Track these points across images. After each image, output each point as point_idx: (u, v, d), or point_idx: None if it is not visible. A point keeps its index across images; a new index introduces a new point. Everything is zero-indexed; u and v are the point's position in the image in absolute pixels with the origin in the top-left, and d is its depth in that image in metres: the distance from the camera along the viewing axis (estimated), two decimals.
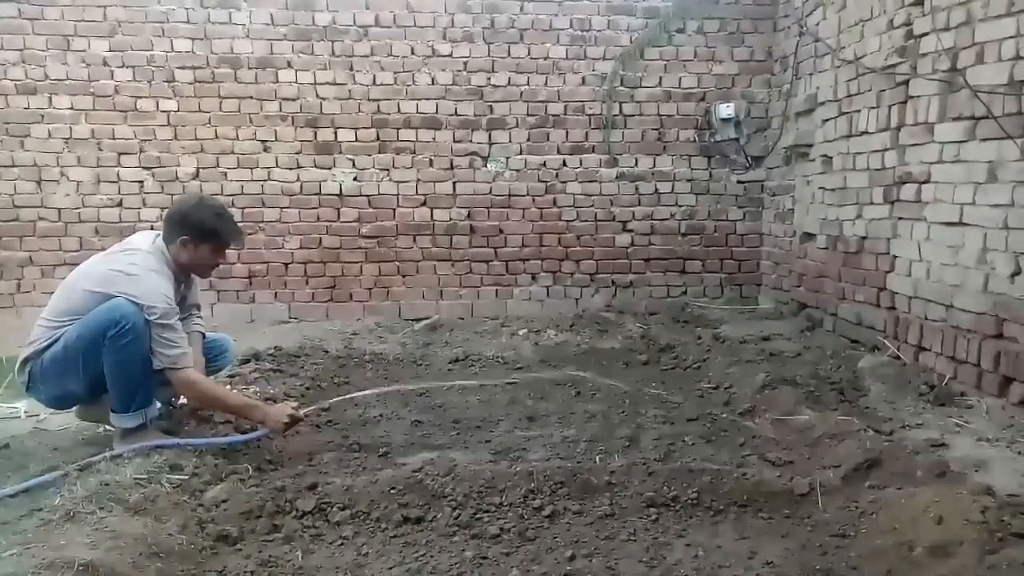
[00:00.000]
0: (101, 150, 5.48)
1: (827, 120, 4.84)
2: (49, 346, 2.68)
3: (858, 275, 4.47)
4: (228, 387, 3.27)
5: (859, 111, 4.41)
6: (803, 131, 5.21)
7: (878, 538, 2.14)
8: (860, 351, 4.18)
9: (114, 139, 5.47)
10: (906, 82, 3.93)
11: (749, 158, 5.87)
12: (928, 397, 3.37)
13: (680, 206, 5.90)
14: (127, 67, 5.43)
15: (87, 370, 2.63)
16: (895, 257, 4.10)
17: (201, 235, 2.84)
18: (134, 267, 2.70)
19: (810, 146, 5.12)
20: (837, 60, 4.69)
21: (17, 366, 2.76)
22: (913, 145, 3.88)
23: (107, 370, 2.61)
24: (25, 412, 3.35)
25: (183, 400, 3.03)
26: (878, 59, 4.18)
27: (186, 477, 2.44)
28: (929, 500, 2.17)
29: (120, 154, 5.50)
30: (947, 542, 1.99)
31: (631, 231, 5.89)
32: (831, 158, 4.80)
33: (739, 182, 5.93)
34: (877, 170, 4.24)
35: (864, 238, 4.40)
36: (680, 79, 5.79)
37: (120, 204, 5.53)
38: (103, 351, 2.58)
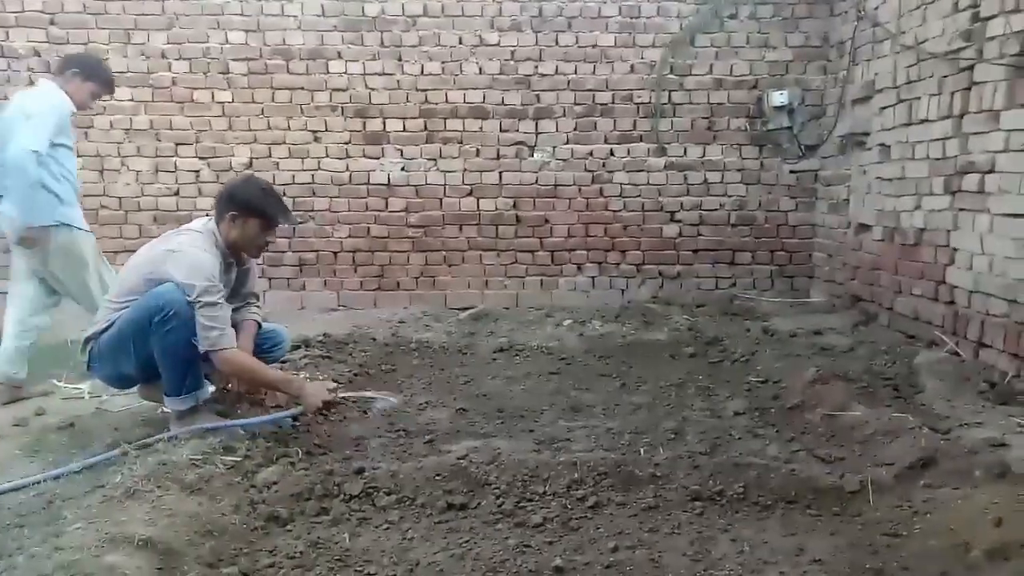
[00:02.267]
0: (159, 140, 5.65)
1: (885, 107, 4.69)
2: (107, 328, 2.77)
3: (916, 268, 4.32)
4: None
5: (919, 98, 4.26)
6: (859, 119, 5.05)
7: (932, 539, 2.08)
8: (916, 347, 4.06)
9: (172, 130, 5.64)
10: (971, 67, 3.77)
11: (802, 147, 5.72)
12: (988, 395, 3.25)
13: (730, 196, 5.80)
14: (184, 59, 5.58)
15: (138, 354, 2.72)
16: (955, 250, 3.95)
17: (247, 211, 2.86)
18: (180, 245, 2.77)
19: (867, 134, 4.96)
20: (897, 45, 4.53)
21: (80, 346, 2.88)
22: (977, 133, 3.73)
23: (156, 355, 2.69)
24: (88, 393, 3.50)
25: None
26: (941, 44, 4.02)
27: (239, 459, 2.51)
28: (988, 501, 2.10)
29: (177, 144, 5.66)
30: (1006, 545, 1.92)
31: (679, 221, 5.81)
32: (889, 147, 4.65)
33: (791, 172, 5.79)
34: (937, 159, 4.09)
35: (923, 230, 4.26)
36: (732, 66, 5.67)
37: (177, 193, 5.70)
38: (151, 337, 2.65)
